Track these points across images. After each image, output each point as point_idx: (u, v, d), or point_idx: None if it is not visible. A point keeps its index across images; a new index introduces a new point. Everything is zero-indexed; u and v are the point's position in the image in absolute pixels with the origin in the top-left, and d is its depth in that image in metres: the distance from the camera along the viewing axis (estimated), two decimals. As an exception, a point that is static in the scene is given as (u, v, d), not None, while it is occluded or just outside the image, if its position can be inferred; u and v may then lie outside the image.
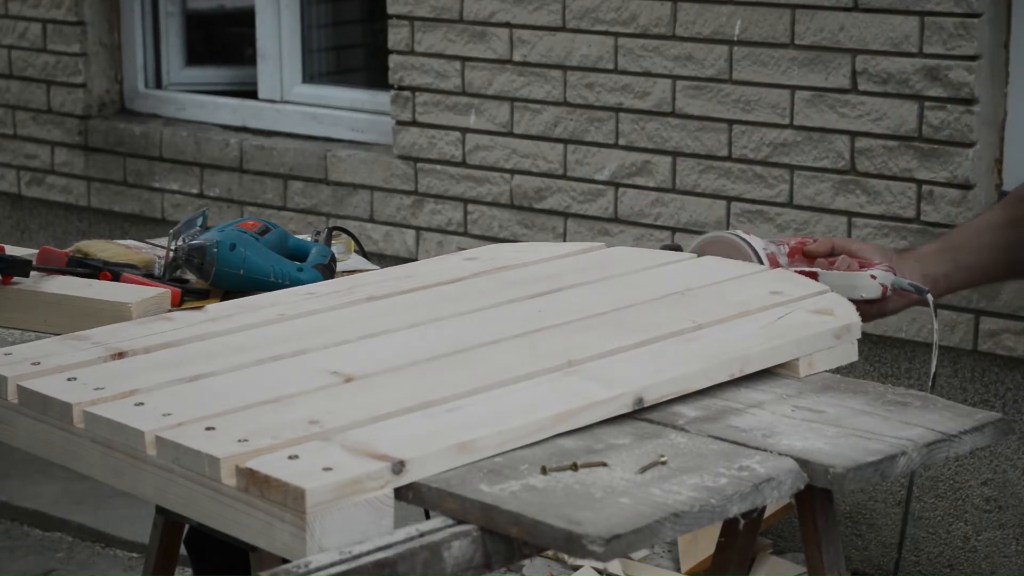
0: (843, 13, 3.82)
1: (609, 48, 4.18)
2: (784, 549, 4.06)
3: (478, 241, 4.39)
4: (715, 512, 1.80)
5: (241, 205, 4.90)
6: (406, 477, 1.80)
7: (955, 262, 2.57)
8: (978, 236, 2.59)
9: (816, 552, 2.08)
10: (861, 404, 2.12)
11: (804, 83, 3.90)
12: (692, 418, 2.05)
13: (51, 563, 4.34)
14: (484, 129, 4.42)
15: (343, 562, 1.68)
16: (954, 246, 2.59)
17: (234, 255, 2.63)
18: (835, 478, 1.90)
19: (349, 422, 1.91)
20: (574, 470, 1.86)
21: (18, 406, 2.08)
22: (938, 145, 3.75)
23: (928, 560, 3.92)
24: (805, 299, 2.43)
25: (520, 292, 2.47)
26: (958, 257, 2.57)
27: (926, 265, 2.55)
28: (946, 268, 2.56)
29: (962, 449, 2.05)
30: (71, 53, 5.21)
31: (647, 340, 2.22)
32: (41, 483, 4.69)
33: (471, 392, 2.01)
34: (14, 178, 5.41)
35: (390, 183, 4.60)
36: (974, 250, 2.58)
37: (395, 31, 4.55)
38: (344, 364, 2.12)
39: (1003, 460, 3.79)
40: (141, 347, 2.21)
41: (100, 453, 1.97)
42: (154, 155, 5.06)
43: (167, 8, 5.33)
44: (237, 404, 1.97)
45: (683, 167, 4.10)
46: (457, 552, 1.75)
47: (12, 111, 5.39)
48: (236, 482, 1.79)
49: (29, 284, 2.57)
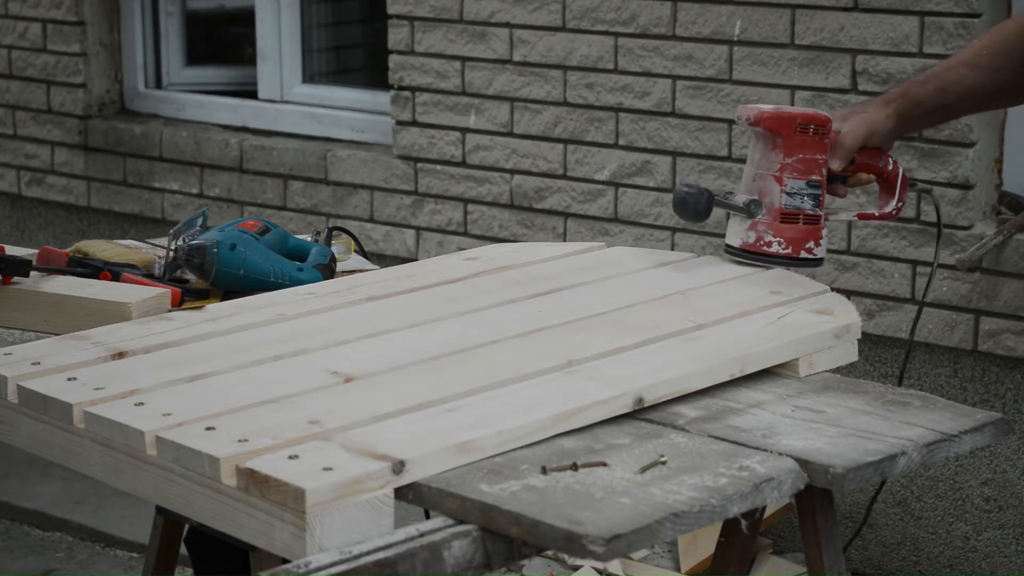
0: (843, 13, 3.82)
1: (609, 48, 4.18)
2: (784, 549, 4.06)
3: (478, 241, 4.39)
4: (715, 512, 1.80)
5: (241, 205, 4.90)
6: (406, 477, 1.80)
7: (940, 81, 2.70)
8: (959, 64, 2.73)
9: (816, 552, 2.08)
10: (861, 404, 2.12)
11: (804, 83, 3.90)
12: (692, 418, 2.05)
13: (51, 563, 4.34)
14: (484, 129, 4.42)
15: (343, 562, 1.69)
16: (936, 74, 2.72)
17: (234, 255, 2.63)
18: (835, 478, 1.90)
19: (349, 422, 1.91)
20: (574, 470, 1.86)
21: (18, 406, 2.08)
22: (938, 145, 3.75)
23: (928, 560, 3.92)
24: (805, 299, 2.44)
25: (520, 292, 2.47)
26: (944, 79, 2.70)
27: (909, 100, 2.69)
28: (930, 90, 2.69)
29: (962, 449, 2.05)
30: (71, 53, 5.21)
31: (647, 340, 2.22)
32: (41, 483, 4.69)
33: (471, 392, 2.01)
34: (14, 178, 5.41)
35: (390, 183, 4.60)
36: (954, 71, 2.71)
37: (395, 31, 4.55)
38: (344, 364, 2.12)
39: (1003, 460, 3.79)
40: (141, 347, 2.21)
41: (100, 453, 1.97)
42: (154, 155, 5.06)
43: (167, 8, 5.33)
44: (237, 404, 1.97)
45: (683, 167, 4.10)
46: (457, 552, 1.75)
47: (12, 111, 5.39)
48: (236, 482, 1.79)
49: (29, 284, 2.57)
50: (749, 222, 2.62)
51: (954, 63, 2.72)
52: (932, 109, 2.71)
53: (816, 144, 2.61)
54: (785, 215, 2.61)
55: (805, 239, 2.62)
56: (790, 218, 2.60)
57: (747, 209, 2.61)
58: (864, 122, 2.66)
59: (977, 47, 2.72)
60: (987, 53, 2.69)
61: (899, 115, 2.68)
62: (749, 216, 2.61)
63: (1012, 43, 2.68)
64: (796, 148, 2.60)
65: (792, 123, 2.60)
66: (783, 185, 2.61)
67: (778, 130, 2.60)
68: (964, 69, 2.69)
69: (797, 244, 2.61)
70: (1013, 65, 2.68)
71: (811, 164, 2.61)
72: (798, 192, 2.61)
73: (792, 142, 2.60)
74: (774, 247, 2.61)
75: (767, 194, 2.62)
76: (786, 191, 2.60)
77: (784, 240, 2.61)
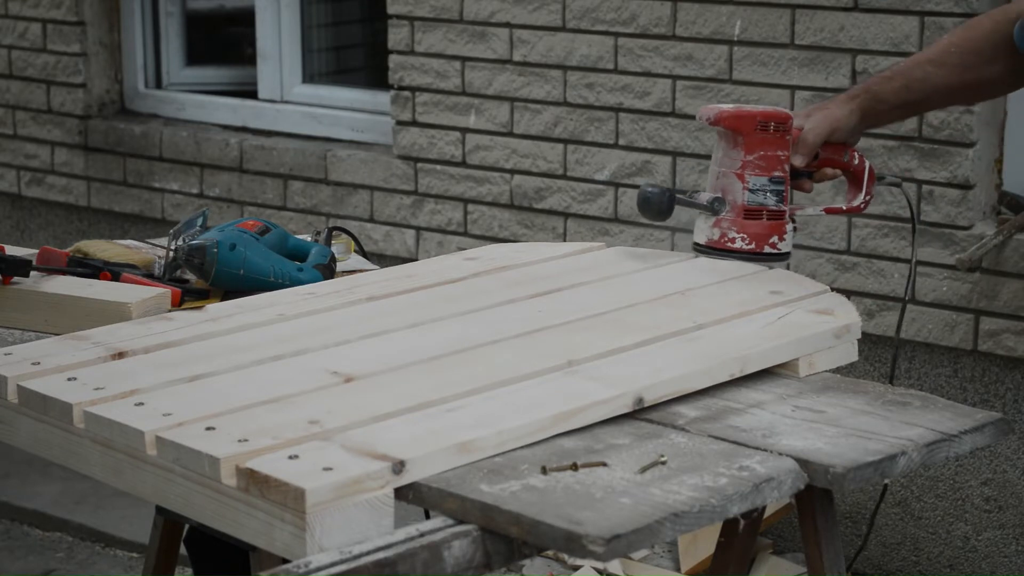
0: (843, 13, 3.82)
1: (609, 48, 4.18)
2: (784, 549, 4.06)
3: (478, 241, 4.39)
4: (715, 512, 1.80)
5: (241, 205, 4.90)
6: (406, 477, 1.80)
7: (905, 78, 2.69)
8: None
9: (816, 552, 2.08)
10: (861, 404, 2.12)
11: (804, 83, 3.90)
12: (692, 418, 2.05)
13: (51, 563, 4.34)
14: (484, 129, 4.42)
15: (343, 562, 1.68)
16: (903, 71, 2.72)
17: (234, 255, 2.63)
18: (835, 478, 1.90)
19: (349, 422, 1.91)
20: (574, 470, 1.86)
21: (18, 406, 2.08)
22: (938, 145, 3.75)
23: (928, 560, 3.92)
24: (805, 299, 2.44)
25: (520, 292, 2.47)
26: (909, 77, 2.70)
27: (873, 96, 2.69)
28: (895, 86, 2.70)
29: (962, 449, 2.05)
30: (71, 53, 5.21)
31: (647, 340, 2.22)
32: (41, 483, 4.69)
33: (471, 392, 2.01)
34: (14, 178, 5.41)
35: (390, 183, 4.60)
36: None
37: (395, 31, 4.55)
38: (344, 364, 2.12)
39: (1003, 460, 3.79)
40: (141, 347, 2.21)
41: (100, 453, 1.97)
42: (154, 155, 5.06)
43: (167, 8, 5.33)
44: (237, 404, 1.97)
45: (683, 167, 4.10)
46: (457, 552, 1.75)
47: (12, 111, 5.39)
48: (236, 482, 1.79)
49: (29, 284, 2.57)
50: (714, 219, 2.65)
51: (921, 59, 2.72)
52: (896, 105, 2.71)
53: (777, 141, 2.63)
54: (748, 211, 2.64)
55: (769, 234, 2.65)
56: (753, 214, 2.63)
57: (711, 207, 2.65)
58: (827, 118, 2.67)
59: (946, 44, 2.71)
60: (956, 51, 2.68)
61: (863, 111, 2.68)
62: (713, 213, 2.65)
63: (982, 42, 2.67)
64: (757, 145, 2.63)
65: (752, 121, 2.62)
66: (745, 182, 2.63)
67: (739, 128, 2.63)
68: (930, 67, 2.68)
69: (760, 240, 2.64)
70: (981, 63, 2.67)
71: (773, 161, 2.63)
72: (760, 188, 2.63)
73: (753, 140, 2.63)
74: (737, 243, 2.64)
75: (730, 191, 2.64)
76: (748, 188, 2.63)
77: (748, 236, 2.64)
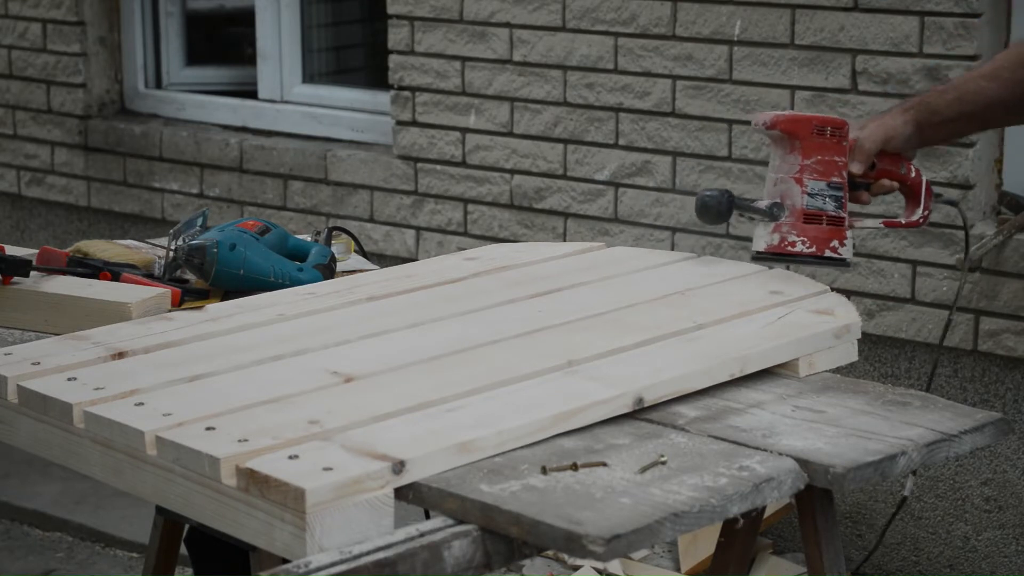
0: (843, 13, 3.82)
1: (609, 48, 4.18)
2: (784, 549, 4.06)
3: (478, 241, 4.39)
4: (715, 512, 1.80)
5: (241, 205, 4.90)
6: (406, 477, 1.80)
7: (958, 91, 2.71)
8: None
9: (816, 552, 2.08)
10: (861, 404, 2.12)
11: (804, 83, 3.90)
12: (692, 418, 2.05)
13: (51, 563, 4.34)
14: (484, 129, 4.42)
15: (343, 562, 1.68)
16: (956, 85, 2.74)
17: (234, 255, 2.63)
18: (835, 478, 1.90)
19: (349, 422, 1.91)
20: (574, 470, 1.86)
21: (18, 406, 2.08)
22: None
23: (928, 560, 3.92)
24: (805, 299, 2.44)
25: (520, 292, 2.47)
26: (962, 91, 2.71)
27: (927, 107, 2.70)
28: (948, 100, 2.70)
29: (962, 449, 2.05)
30: (71, 53, 5.21)
31: (647, 340, 2.22)
32: (41, 483, 4.69)
33: (471, 392, 2.01)
34: (14, 178, 5.41)
35: (390, 183, 4.60)
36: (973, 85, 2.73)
37: (395, 31, 4.55)
38: (344, 364, 2.12)
39: (1003, 460, 3.79)
40: (141, 347, 2.21)
41: (100, 453, 1.97)
42: (154, 155, 5.06)
43: (167, 8, 5.33)
44: (237, 404, 1.97)
45: (683, 167, 4.10)
46: (457, 552, 1.75)
47: (12, 111, 5.39)
48: (236, 482, 1.79)
49: (29, 284, 2.57)
50: (772, 225, 2.63)
51: (974, 75, 2.74)
52: (950, 118, 2.71)
53: (834, 146, 2.62)
54: (808, 215, 2.62)
55: (829, 238, 2.63)
56: (813, 218, 2.61)
57: (769, 212, 2.62)
58: (882, 127, 2.67)
59: (999, 61, 2.74)
60: (1008, 66, 2.70)
61: (917, 122, 2.68)
62: (772, 219, 2.62)
63: None
64: (814, 150, 2.61)
65: (808, 125, 2.61)
66: (804, 186, 2.62)
67: (795, 132, 2.61)
68: (983, 81, 2.70)
69: (821, 243, 2.62)
70: None
71: (830, 166, 2.62)
72: (819, 193, 2.62)
73: (810, 144, 2.61)
74: (798, 246, 2.62)
75: (789, 196, 2.63)
76: (807, 192, 2.61)
77: (808, 239, 2.62)
